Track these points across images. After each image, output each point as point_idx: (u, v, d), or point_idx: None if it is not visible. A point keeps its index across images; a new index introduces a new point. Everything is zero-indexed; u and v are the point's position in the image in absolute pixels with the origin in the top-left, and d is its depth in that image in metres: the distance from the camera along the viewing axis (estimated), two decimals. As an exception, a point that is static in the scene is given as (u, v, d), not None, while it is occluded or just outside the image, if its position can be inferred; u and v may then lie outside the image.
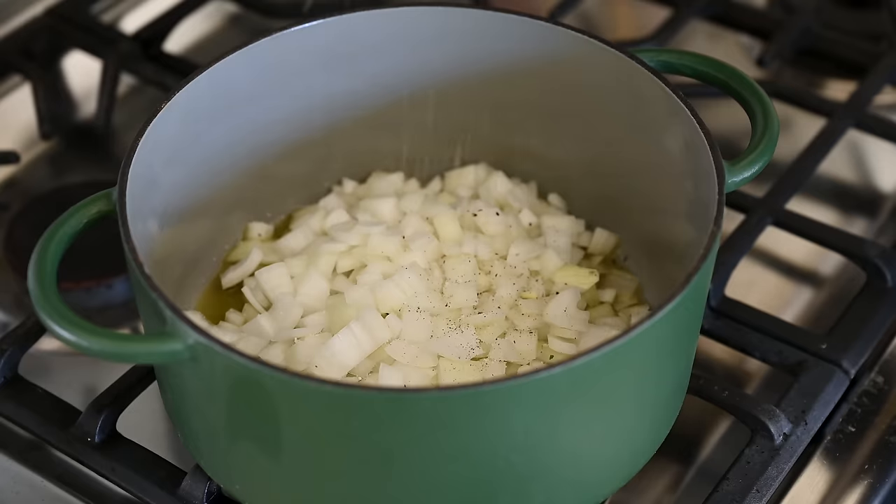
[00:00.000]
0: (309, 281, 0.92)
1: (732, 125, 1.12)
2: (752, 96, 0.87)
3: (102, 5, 1.31)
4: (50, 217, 0.81)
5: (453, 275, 0.93)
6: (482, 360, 0.87)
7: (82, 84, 1.26)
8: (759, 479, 0.88)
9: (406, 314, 0.89)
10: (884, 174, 1.19)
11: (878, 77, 1.18)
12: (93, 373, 0.98)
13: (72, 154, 1.21)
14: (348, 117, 0.99)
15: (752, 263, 1.08)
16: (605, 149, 0.96)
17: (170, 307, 0.75)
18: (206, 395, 0.79)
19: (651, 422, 0.84)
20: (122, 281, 1.04)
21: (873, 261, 1.01)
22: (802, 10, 1.26)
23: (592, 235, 0.99)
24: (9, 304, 1.05)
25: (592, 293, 0.94)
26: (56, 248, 0.79)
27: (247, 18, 1.33)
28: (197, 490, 0.86)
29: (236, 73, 0.91)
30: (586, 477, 0.82)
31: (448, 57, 0.96)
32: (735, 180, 0.83)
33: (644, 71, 0.89)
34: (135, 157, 0.83)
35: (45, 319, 0.75)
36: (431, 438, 0.75)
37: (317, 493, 0.80)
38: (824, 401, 0.93)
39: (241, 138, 0.95)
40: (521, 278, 0.93)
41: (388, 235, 0.94)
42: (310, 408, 0.74)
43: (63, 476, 0.91)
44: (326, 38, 0.94)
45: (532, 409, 0.74)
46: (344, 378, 0.86)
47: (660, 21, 1.25)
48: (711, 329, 0.97)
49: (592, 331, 0.90)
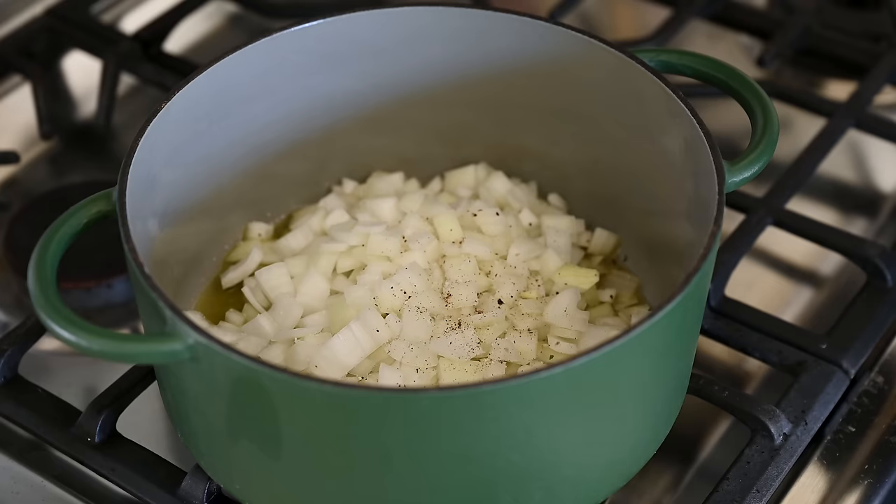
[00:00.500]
0: (309, 281, 0.92)
1: (732, 125, 1.12)
2: (752, 96, 0.87)
3: (102, 5, 1.31)
4: (50, 217, 0.81)
5: (453, 275, 0.93)
6: (482, 360, 0.87)
7: (82, 84, 1.26)
8: (759, 479, 0.88)
9: (406, 314, 0.89)
10: (884, 174, 1.19)
11: (878, 77, 1.18)
12: (93, 373, 0.98)
13: (72, 154, 1.21)
14: (348, 117, 0.99)
15: (752, 263, 1.08)
16: (605, 149, 0.96)
17: (170, 307, 0.75)
18: (206, 395, 0.79)
19: (651, 422, 0.84)
20: (122, 281, 1.04)
21: (873, 261, 1.01)
22: (802, 10, 1.26)
23: (592, 235, 0.99)
24: (9, 304, 1.05)
25: (592, 293, 0.94)
26: (56, 248, 0.79)
27: (247, 18, 1.34)
28: (197, 490, 0.86)
29: (236, 73, 0.91)
30: (586, 477, 0.82)
31: (448, 57, 0.96)
32: (735, 180, 0.83)
33: (644, 71, 0.89)
34: (135, 157, 0.83)
35: (44, 319, 0.75)
36: (431, 438, 0.75)
37: (317, 493, 0.80)
38: (824, 401, 0.93)
39: (241, 138, 0.95)
40: (521, 278, 0.93)
41: (388, 235, 0.94)
42: (310, 408, 0.74)
43: (63, 476, 0.91)
44: (326, 38, 0.94)
45: (532, 409, 0.74)
46: (344, 378, 0.86)
47: (660, 21, 1.25)
48: (711, 329, 0.97)
49: (592, 331, 0.90)
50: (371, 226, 0.95)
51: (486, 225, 0.96)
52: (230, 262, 0.98)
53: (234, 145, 0.95)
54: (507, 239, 0.96)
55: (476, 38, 0.95)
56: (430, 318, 0.89)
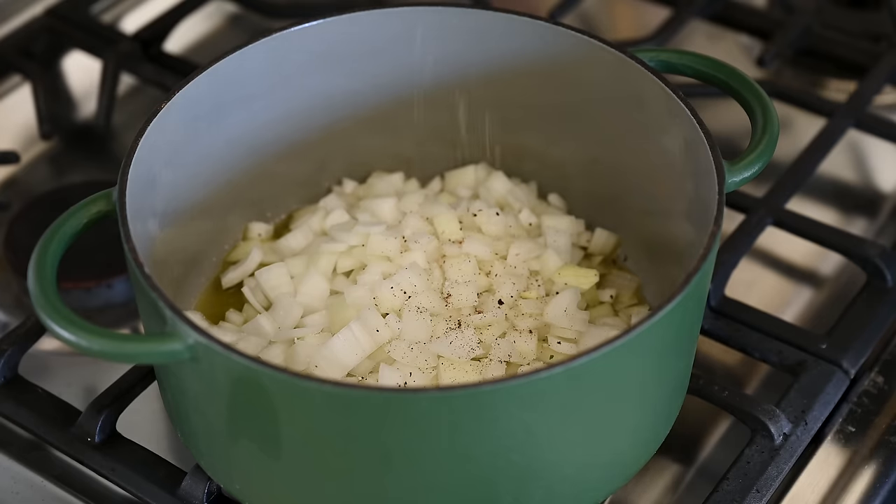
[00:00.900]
0: (309, 281, 0.92)
1: (732, 125, 1.12)
2: (752, 96, 0.87)
3: (102, 5, 1.31)
4: (50, 217, 0.81)
5: (453, 275, 0.92)
6: (482, 360, 0.87)
7: (82, 84, 1.26)
8: (759, 479, 0.88)
9: (406, 314, 0.89)
10: (884, 174, 1.19)
11: (878, 77, 1.18)
12: (93, 373, 0.98)
13: (72, 154, 1.21)
14: (348, 117, 0.99)
15: (752, 263, 1.08)
16: (605, 149, 0.96)
17: (170, 307, 0.75)
18: (206, 394, 0.79)
19: (651, 422, 0.84)
20: (122, 281, 1.04)
21: (873, 261, 1.01)
22: (802, 10, 1.26)
23: (592, 235, 0.99)
24: (9, 304, 1.05)
25: (592, 293, 0.94)
26: (56, 248, 0.79)
27: (247, 18, 1.34)
28: (197, 490, 0.86)
29: (236, 73, 0.91)
30: (586, 476, 0.82)
31: (448, 57, 0.96)
32: (735, 180, 0.83)
33: (644, 71, 0.89)
34: (135, 157, 0.83)
35: (44, 319, 0.75)
36: (431, 438, 0.75)
37: (317, 493, 0.80)
38: (824, 401, 0.93)
39: (241, 138, 0.95)
40: (521, 278, 0.93)
41: (388, 235, 0.94)
42: (310, 408, 0.74)
43: (63, 476, 0.91)
44: (326, 38, 0.94)
45: (532, 409, 0.74)
46: (344, 378, 0.86)
47: (660, 21, 1.25)
48: (711, 329, 0.97)
49: (592, 331, 0.90)
50: (371, 226, 0.95)
51: (486, 225, 0.96)
52: (230, 262, 0.98)
53: (234, 145, 0.95)
54: (507, 239, 0.96)
55: (476, 38, 0.95)
56: (429, 318, 0.89)
